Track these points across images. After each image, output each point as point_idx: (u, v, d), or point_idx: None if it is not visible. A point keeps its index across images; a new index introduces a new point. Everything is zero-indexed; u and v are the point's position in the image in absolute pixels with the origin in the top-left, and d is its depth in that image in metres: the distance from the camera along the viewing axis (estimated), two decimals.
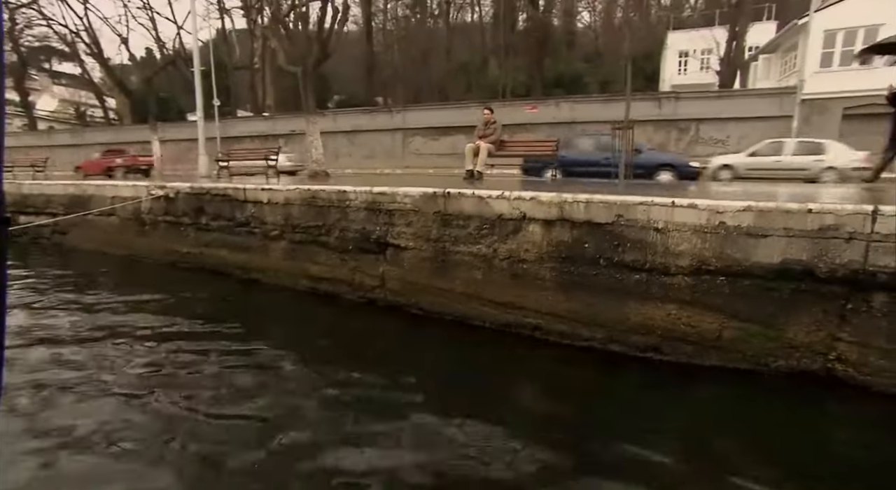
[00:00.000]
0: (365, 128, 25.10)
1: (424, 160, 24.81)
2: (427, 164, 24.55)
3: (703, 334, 3.78)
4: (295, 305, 5.86)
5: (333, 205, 5.57)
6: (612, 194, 4.06)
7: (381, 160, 24.94)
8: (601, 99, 23.43)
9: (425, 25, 44.43)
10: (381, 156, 25.12)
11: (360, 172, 22.05)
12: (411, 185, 5.50)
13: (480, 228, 4.61)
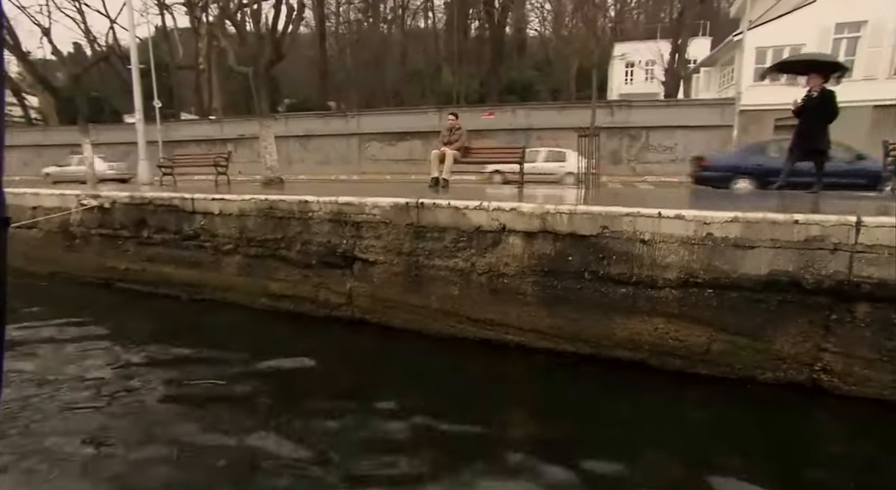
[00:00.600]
0: (319, 132, 24.31)
1: (381, 166, 24.34)
2: (384, 169, 24.10)
3: (692, 348, 3.69)
4: (254, 325, 5.34)
5: (294, 216, 5.12)
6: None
7: (337, 166, 24.23)
8: (556, 106, 23.91)
9: (378, 30, 44.01)
10: (336, 161, 24.40)
11: (314, 178, 21.27)
12: (369, 191, 5.18)
13: (457, 241, 4.34)
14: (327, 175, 22.85)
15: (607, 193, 7.18)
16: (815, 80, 6.53)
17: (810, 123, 6.60)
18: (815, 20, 19.05)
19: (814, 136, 6.59)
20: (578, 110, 23.17)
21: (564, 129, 22.98)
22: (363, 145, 24.12)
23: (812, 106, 6.51)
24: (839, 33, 19.14)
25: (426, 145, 24.23)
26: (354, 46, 40.72)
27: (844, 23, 18.96)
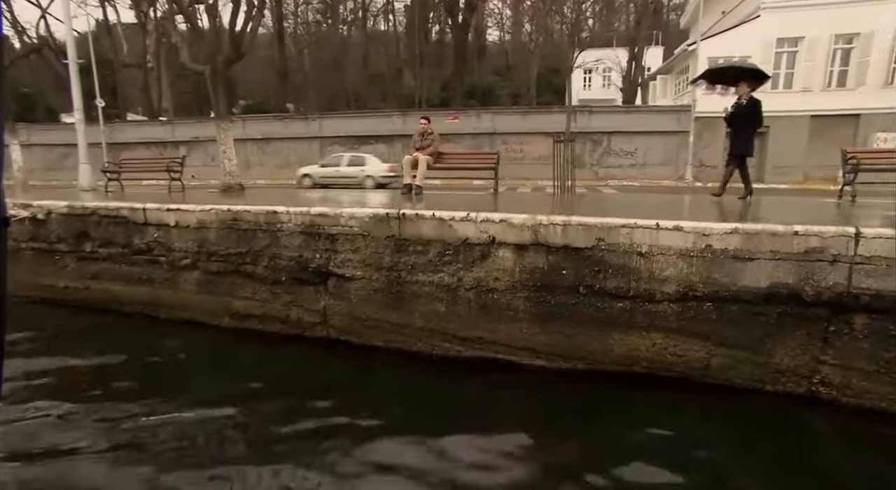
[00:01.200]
0: (278, 135, 23.41)
1: None
2: None
3: (691, 363, 3.57)
4: (216, 347, 4.85)
5: (261, 228, 4.69)
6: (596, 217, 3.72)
7: (297, 170, 23.38)
8: (520, 111, 24.11)
9: (338, 32, 43.18)
10: (296, 165, 23.49)
11: (274, 183, 20.40)
12: (323, 192, 4.81)
13: (442, 255, 4.07)
14: (287, 179, 22.00)
15: (582, 200, 7.11)
16: (744, 88, 6.75)
17: (739, 130, 6.84)
18: (759, 34, 20.12)
19: (742, 142, 6.82)
20: (542, 115, 23.46)
21: (528, 134, 23.25)
22: (325, 149, 23.40)
23: (741, 114, 6.73)
24: (780, 47, 20.30)
25: (390, 149, 23.83)
26: (313, 48, 39.75)
27: (784, 38, 20.13)
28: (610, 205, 6.50)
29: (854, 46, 19.84)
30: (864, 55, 19.74)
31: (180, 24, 16.03)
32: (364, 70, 41.25)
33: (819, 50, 19.90)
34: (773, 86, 20.51)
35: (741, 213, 4.54)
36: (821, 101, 20.12)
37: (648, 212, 4.48)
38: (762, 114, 6.80)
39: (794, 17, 19.65)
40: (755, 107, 6.71)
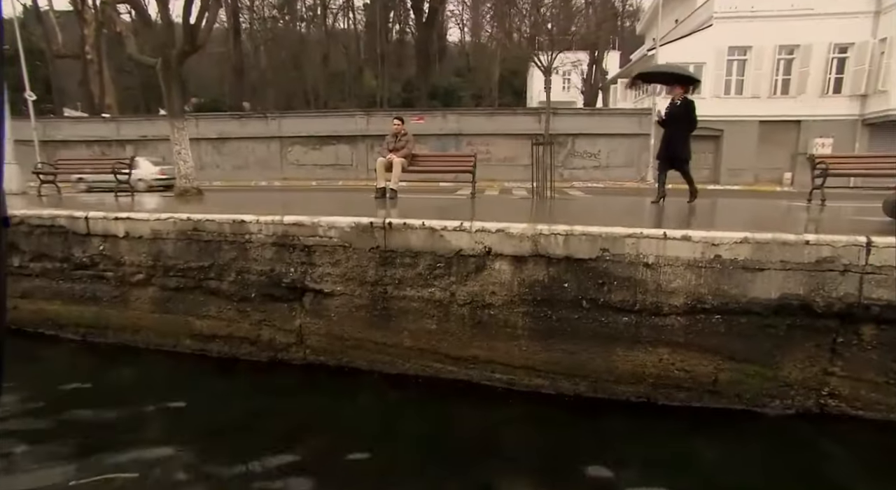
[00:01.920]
0: (235, 135, 22.26)
1: (306, 171, 22.86)
2: (309, 175, 22.65)
3: (698, 379, 3.41)
4: (175, 374, 4.30)
5: (226, 239, 4.19)
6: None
7: (256, 171, 22.33)
8: (485, 112, 24.06)
9: (296, 29, 41.88)
10: (255, 166, 22.48)
11: (231, 185, 19.34)
12: (301, 201, 4.42)
13: (433, 268, 3.74)
14: (246, 181, 20.95)
15: (565, 205, 6.96)
16: (677, 90, 6.71)
17: (673, 132, 6.71)
18: (712, 42, 20.95)
19: (676, 144, 6.67)
20: (507, 117, 23.51)
21: (494, 135, 23.22)
22: (285, 149, 22.48)
23: (675, 115, 6.65)
24: (731, 55, 21.22)
25: (353, 150, 23.20)
26: (270, 45, 38.31)
27: (735, 46, 21.06)
28: (586, 209, 6.38)
29: (795, 57, 21.00)
30: (804, 66, 20.93)
31: (124, 13, 14.85)
32: (323, 68, 40.19)
33: (765, 59, 20.95)
34: (725, 91, 21.46)
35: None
36: (768, 108, 21.19)
37: (623, 217, 4.34)
38: (696, 115, 6.69)
39: (742, 28, 20.58)
40: (689, 108, 6.61)
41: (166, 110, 7.90)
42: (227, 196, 8.83)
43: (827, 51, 20.71)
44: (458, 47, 52.76)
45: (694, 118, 6.69)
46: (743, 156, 21.42)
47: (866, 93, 20.71)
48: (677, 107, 6.65)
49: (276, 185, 19.82)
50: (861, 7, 20.27)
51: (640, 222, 4.09)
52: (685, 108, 6.60)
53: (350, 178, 22.75)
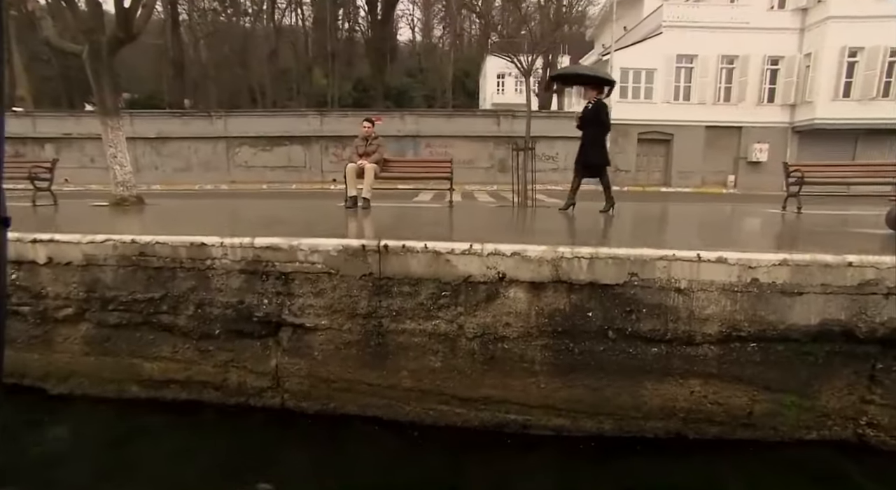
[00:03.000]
0: (176, 135, 20.56)
1: (255, 174, 21.52)
2: (259, 178, 21.33)
3: (732, 411, 3.14)
4: (118, 429, 3.54)
5: (182, 266, 3.49)
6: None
7: (200, 173, 20.74)
8: (444, 113, 23.71)
9: (239, 23, 39.71)
10: (199, 168, 20.87)
11: (172, 189, 17.76)
12: (242, 203, 3.82)
13: (437, 296, 3.24)
14: (189, 184, 19.36)
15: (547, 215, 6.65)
16: (590, 92, 6.43)
17: (586, 136, 6.45)
18: (662, 49, 21.70)
19: (588, 149, 6.41)
20: (467, 118, 23.26)
21: (453, 137, 22.91)
22: (232, 150, 21.03)
23: (587, 118, 6.39)
24: (679, 63, 22.08)
25: (307, 151, 22.10)
26: (211, 39, 36.01)
27: (683, 54, 21.93)
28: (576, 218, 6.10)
29: (735, 67, 22.17)
30: (743, 75, 22.15)
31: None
32: (270, 66, 38.35)
33: (710, 68, 21.96)
34: (675, 97, 22.30)
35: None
36: (713, 114, 22.23)
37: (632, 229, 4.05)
38: (608, 118, 6.37)
39: (689, 37, 21.46)
40: (599, 111, 6.30)
41: (97, 107, 6.86)
42: (173, 204, 7.85)
43: (762, 62, 22.02)
44: (409, 47, 52.21)
45: (605, 121, 6.33)
46: (691, 159, 22.35)
47: (795, 102, 22.21)
48: (589, 110, 6.36)
49: (223, 189, 18.43)
50: (788, 24, 21.71)
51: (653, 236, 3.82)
52: (596, 111, 6.28)
53: (304, 181, 21.66)
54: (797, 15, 21.59)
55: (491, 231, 4.60)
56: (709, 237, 4.46)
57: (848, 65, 20.86)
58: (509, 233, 4.45)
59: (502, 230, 4.66)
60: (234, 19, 39.62)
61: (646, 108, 21.91)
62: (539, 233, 4.58)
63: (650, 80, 22.10)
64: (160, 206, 7.16)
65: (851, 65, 20.88)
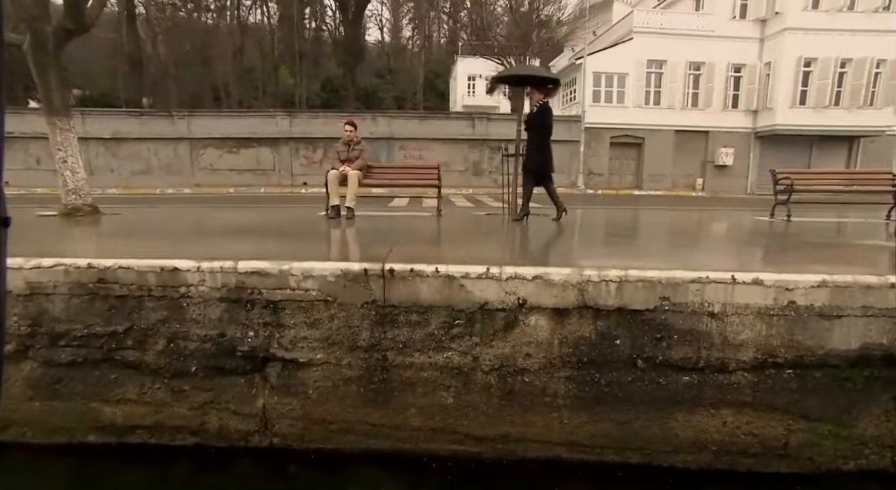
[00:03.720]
0: (134, 135, 19.37)
1: (221, 177, 20.54)
2: (225, 181, 20.37)
3: (767, 442, 2.93)
4: (75, 476, 3.04)
5: (151, 294, 3.01)
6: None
7: (161, 177, 19.60)
8: (418, 115, 23.29)
9: (200, 19, 38.14)
10: (159, 171, 19.71)
11: (131, 193, 16.65)
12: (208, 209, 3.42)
13: (450, 326, 2.90)
14: (149, 188, 18.24)
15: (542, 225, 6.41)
16: (536, 94, 6.15)
17: (531, 141, 6.20)
18: (633, 54, 22.05)
19: (531, 154, 6.17)
20: (441, 121, 22.95)
21: (427, 140, 22.56)
22: (196, 152, 19.98)
23: (531, 122, 6.15)
24: (650, 68, 22.50)
25: (276, 153, 21.27)
26: (171, 35, 34.37)
27: (653, 60, 22.35)
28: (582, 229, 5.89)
29: (702, 73, 22.78)
30: (709, 81, 22.79)
31: None
32: (234, 64, 37.00)
33: (678, 73, 22.48)
34: (646, 102, 22.70)
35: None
36: (682, 118, 22.76)
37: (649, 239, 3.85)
38: (550, 122, 6.10)
39: (659, 43, 21.89)
40: (543, 114, 6.05)
41: (42, 105, 6.15)
42: (133, 213, 7.18)
43: (726, 69, 22.72)
44: (378, 48, 51.58)
45: (547, 125, 6.08)
46: (662, 163, 22.79)
47: (757, 109, 23.02)
48: (534, 113, 6.10)
49: (186, 193, 17.44)
50: (749, 33, 22.48)
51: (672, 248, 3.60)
52: (540, 115, 6.03)
53: (273, 184, 20.83)
54: (757, 25, 22.38)
55: (495, 246, 4.30)
56: (719, 252, 4.30)
57: (803, 74, 21.78)
58: (515, 249, 4.15)
59: (507, 245, 4.37)
60: (196, 15, 38.01)
61: (618, 112, 22.19)
62: (546, 249, 4.31)
63: (622, 85, 22.41)
64: (119, 217, 6.50)
65: (807, 74, 21.80)
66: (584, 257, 3.70)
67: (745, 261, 3.62)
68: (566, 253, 4.00)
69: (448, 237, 4.82)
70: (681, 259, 3.64)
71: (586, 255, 3.87)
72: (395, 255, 3.29)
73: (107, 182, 18.43)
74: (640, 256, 3.55)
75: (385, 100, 40.46)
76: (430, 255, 3.57)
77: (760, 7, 21.94)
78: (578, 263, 3.06)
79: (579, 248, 4.37)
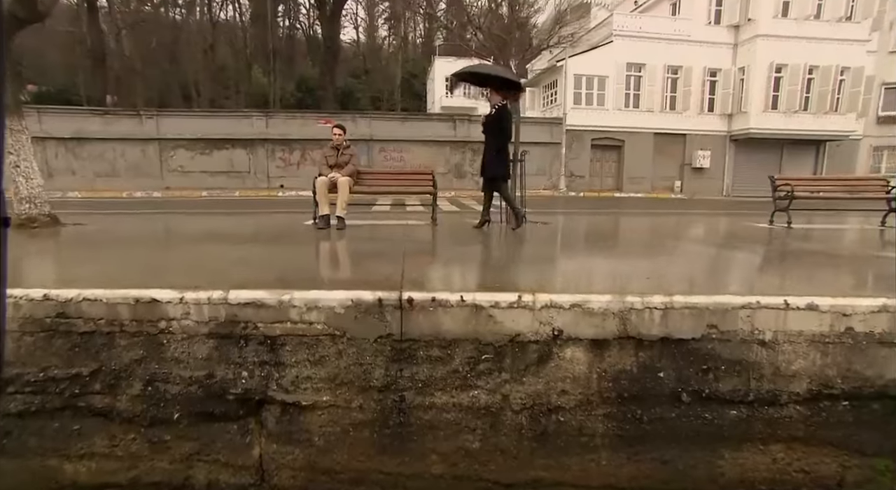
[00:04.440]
0: (98, 135, 18.32)
1: (193, 180, 19.65)
2: (197, 184, 19.49)
3: (820, 480, 2.70)
4: None
5: (124, 329, 2.56)
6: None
7: (128, 179, 18.58)
8: (399, 117, 22.87)
9: (168, 15, 36.69)
10: (126, 173, 18.69)
11: (94, 197, 15.65)
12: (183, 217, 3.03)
13: (476, 361, 2.56)
14: (115, 191, 17.23)
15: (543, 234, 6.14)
16: (494, 95, 5.73)
17: (486, 146, 5.85)
18: (613, 57, 22.18)
19: (486, 159, 5.82)
20: (422, 122, 22.60)
21: (408, 142, 22.14)
22: (166, 153, 19.04)
23: (487, 125, 5.78)
24: (629, 71, 22.69)
25: (251, 155, 20.50)
26: (137, 30, 32.87)
27: (633, 63, 22.55)
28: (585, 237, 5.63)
29: (679, 77, 23.13)
30: (687, 85, 23.16)
31: None
32: (205, 62, 35.73)
33: (657, 76, 22.74)
34: (626, 104, 22.86)
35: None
36: (660, 121, 23.04)
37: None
38: (508, 125, 5.68)
39: (638, 46, 22.09)
40: (500, 117, 5.65)
41: None
42: (98, 223, 6.56)
43: (702, 73, 23.13)
44: (353, 47, 50.85)
45: (505, 128, 5.65)
46: (642, 165, 23.01)
47: (732, 112, 23.51)
48: (491, 116, 5.74)
49: (156, 197, 16.55)
50: (724, 39, 22.95)
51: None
52: (497, 118, 5.65)
53: (248, 187, 20.06)
54: (731, 31, 22.86)
55: (510, 264, 3.98)
56: (747, 270, 4.09)
57: (775, 80, 22.35)
58: (532, 266, 3.85)
59: (522, 262, 4.06)
60: (163, 10, 36.52)
61: (598, 115, 22.30)
62: (566, 266, 4.02)
63: (602, 87, 22.53)
64: (82, 228, 5.89)
65: (778, 80, 22.39)
66: (614, 277, 3.42)
67: (784, 282, 3.40)
68: (590, 272, 3.72)
69: (456, 252, 4.48)
70: (718, 280, 3.41)
71: (616, 273, 3.59)
72: (409, 277, 2.93)
73: (68, 184, 17.32)
74: (681, 279, 3.28)
75: (361, 100, 39.84)
76: (447, 276, 3.22)
77: (734, 14, 22.42)
78: (613, 286, 2.77)
79: (600, 264, 4.09)
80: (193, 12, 38.01)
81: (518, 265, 3.77)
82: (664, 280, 3.04)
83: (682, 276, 3.25)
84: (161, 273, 3.20)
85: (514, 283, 2.84)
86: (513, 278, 3.15)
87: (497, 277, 3.20)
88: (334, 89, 26.27)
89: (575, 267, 3.91)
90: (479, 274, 3.42)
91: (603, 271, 3.65)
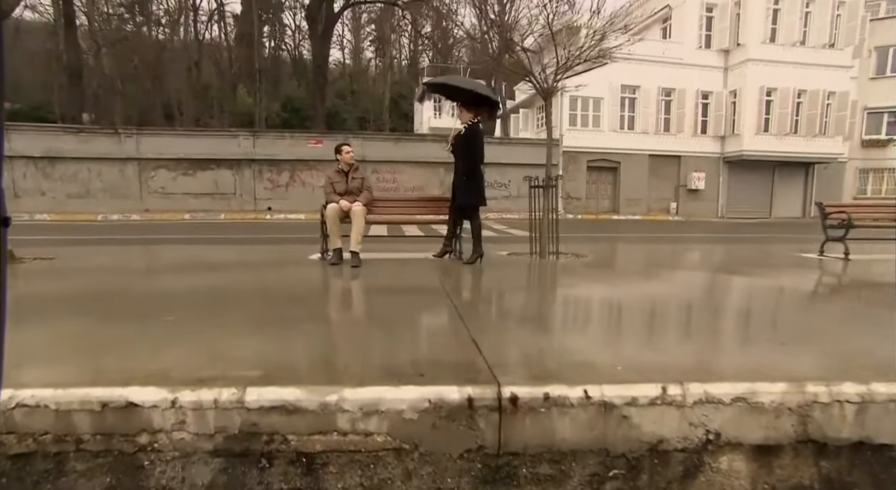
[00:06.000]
0: (72, 154, 17.25)
1: (175, 202, 18.63)
2: (179, 206, 18.46)
3: None
4: None
5: (79, 448, 1.73)
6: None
7: (104, 201, 17.47)
8: (392, 137, 22.35)
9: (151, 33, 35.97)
10: (102, 195, 17.58)
11: (66, 220, 14.52)
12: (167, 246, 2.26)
13: (602, 479, 1.80)
14: (89, 214, 16.10)
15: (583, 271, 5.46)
16: (465, 113, 5.20)
17: (455, 169, 5.37)
18: (608, 79, 22.03)
19: (455, 184, 5.37)
20: (415, 143, 22.09)
21: (401, 163, 21.54)
22: (146, 174, 18.03)
23: (457, 146, 5.23)
24: (624, 93, 22.68)
25: (237, 176, 19.61)
26: (117, 48, 32.02)
27: (627, 85, 22.56)
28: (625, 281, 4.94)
29: (673, 99, 23.22)
30: (680, 107, 23.25)
31: None
32: (188, 81, 34.95)
33: (651, 99, 22.77)
34: (621, 126, 22.76)
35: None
36: (655, 143, 22.98)
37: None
38: (478, 147, 5.15)
39: (633, 68, 22.05)
40: (469, 137, 5.11)
41: None
42: (66, 258, 5.63)
43: (695, 96, 23.28)
44: (339, 68, 50.75)
45: (475, 150, 5.11)
46: (637, 187, 22.81)
47: (724, 135, 23.63)
48: (461, 135, 5.17)
49: (134, 220, 15.49)
50: (714, 63, 23.21)
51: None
52: (467, 138, 5.11)
53: (234, 210, 19.10)
54: (721, 55, 23.14)
55: (594, 322, 3.25)
56: (871, 328, 3.44)
57: (766, 103, 22.59)
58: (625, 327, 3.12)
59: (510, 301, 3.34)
60: (145, 29, 35.78)
61: (594, 136, 22.12)
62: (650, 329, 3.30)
63: (598, 109, 22.43)
64: (45, 266, 4.97)
65: (769, 103, 22.64)
66: (741, 348, 2.73)
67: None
68: (709, 339, 3.00)
69: (517, 301, 3.73)
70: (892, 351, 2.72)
71: (742, 339, 2.90)
72: (491, 354, 2.17)
73: (37, 206, 16.14)
74: (849, 351, 2.59)
75: (347, 121, 39.48)
76: (542, 352, 2.46)
77: (724, 38, 22.72)
78: (749, 363, 2.06)
79: (704, 324, 3.39)
80: (177, 32, 37.36)
81: (638, 331, 3.04)
82: (821, 353, 2.34)
83: (840, 347, 2.55)
84: (134, 343, 2.37)
85: (650, 362, 2.10)
86: (649, 355, 2.41)
87: (592, 349, 2.47)
88: (324, 109, 25.70)
89: (679, 328, 3.20)
90: (570, 339, 2.68)
91: (728, 339, 2.94)
